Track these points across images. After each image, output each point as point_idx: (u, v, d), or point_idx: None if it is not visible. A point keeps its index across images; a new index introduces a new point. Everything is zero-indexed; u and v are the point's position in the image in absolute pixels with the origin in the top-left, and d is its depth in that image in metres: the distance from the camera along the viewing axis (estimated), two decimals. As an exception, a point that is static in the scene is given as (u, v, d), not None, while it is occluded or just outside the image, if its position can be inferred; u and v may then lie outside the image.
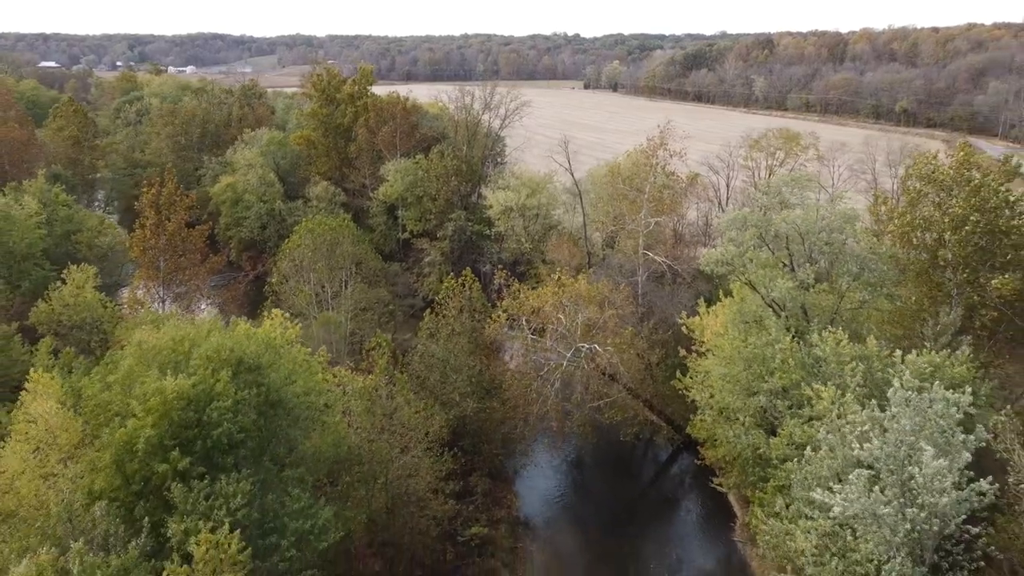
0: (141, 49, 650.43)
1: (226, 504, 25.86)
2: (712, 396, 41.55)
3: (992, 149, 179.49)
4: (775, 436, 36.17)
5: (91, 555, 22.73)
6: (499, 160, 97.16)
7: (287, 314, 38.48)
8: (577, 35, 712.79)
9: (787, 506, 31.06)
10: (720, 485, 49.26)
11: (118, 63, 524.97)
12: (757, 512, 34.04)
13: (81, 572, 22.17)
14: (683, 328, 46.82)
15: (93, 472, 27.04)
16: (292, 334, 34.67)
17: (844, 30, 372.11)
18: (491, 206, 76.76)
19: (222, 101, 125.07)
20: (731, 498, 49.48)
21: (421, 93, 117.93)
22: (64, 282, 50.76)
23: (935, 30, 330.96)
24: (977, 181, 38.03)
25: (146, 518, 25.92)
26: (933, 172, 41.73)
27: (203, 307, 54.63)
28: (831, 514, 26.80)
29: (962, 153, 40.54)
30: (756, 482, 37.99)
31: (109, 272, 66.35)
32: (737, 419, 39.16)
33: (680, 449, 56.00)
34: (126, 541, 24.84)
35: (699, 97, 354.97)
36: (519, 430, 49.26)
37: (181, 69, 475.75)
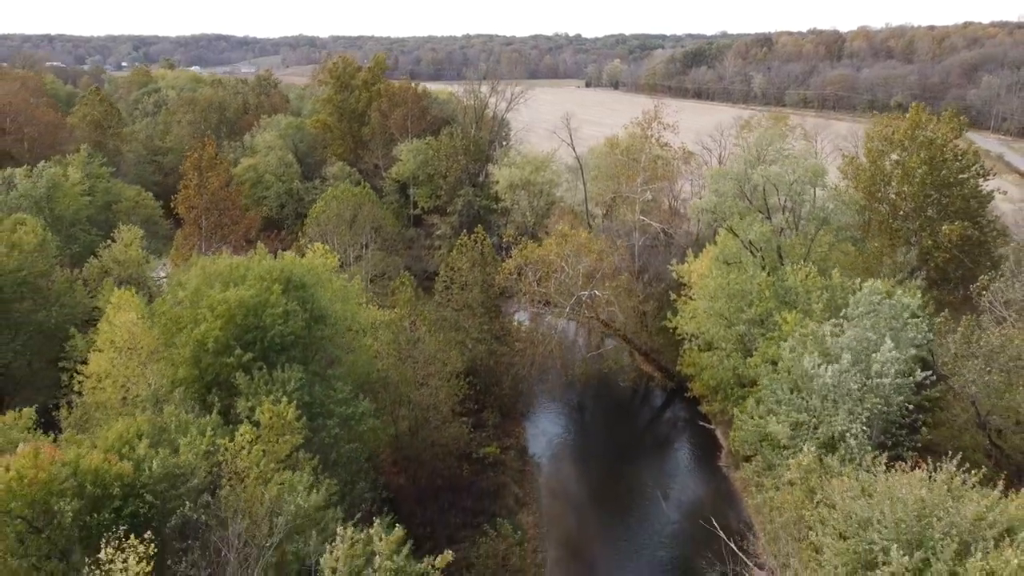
0: (146, 50, 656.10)
1: (283, 387, 31.10)
2: (699, 327, 46.77)
3: (984, 142, 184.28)
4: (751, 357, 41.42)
5: (183, 415, 27.96)
6: (504, 143, 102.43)
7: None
8: (578, 35, 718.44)
9: (758, 405, 36.27)
10: (708, 422, 54.57)
11: (123, 63, 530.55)
12: (737, 417, 39.30)
13: (177, 427, 27.38)
14: (673, 274, 51.91)
15: (174, 367, 32.28)
16: (332, 262, 39.92)
17: (843, 29, 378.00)
18: (497, 182, 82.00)
19: (237, 91, 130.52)
20: (718, 433, 54.68)
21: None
22: (114, 240, 55.99)
23: (931, 28, 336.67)
24: (924, 137, 43.20)
25: (217, 402, 31.15)
26: (893, 133, 46.96)
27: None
28: (824, 380, 32.04)
29: (914, 114, 45.64)
30: (736, 400, 43.21)
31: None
32: (720, 347, 44.37)
33: (672, 396, 61.15)
34: (201, 417, 30.10)
35: (699, 94, 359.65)
36: (526, 371, 54.53)
37: (186, 69, 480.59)
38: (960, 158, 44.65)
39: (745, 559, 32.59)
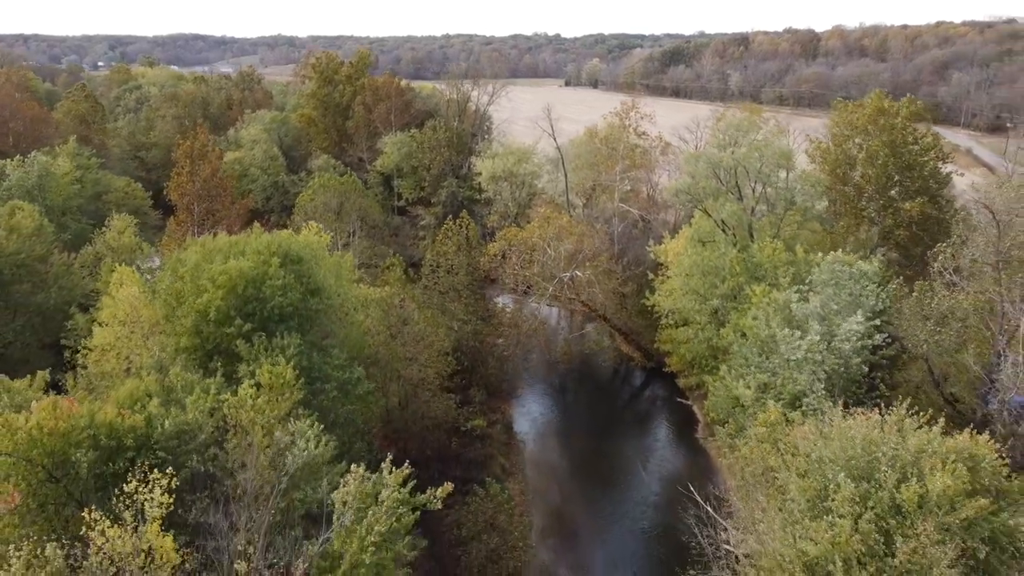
0: (122, 50, 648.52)
1: (282, 352, 32.85)
2: (675, 303, 49.09)
3: (954, 137, 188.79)
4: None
5: (188, 376, 29.64)
6: (486, 136, 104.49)
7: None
8: (558, 35, 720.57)
9: (729, 371, 38.60)
10: (685, 398, 56.93)
11: (99, 63, 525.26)
12: (710, 384, 41.61)
13: (183, 387, 29.08)
14: (651, 255, 54.21)
15: (176, 336, 33.90)
16: (325, 240, 41.70)
17: (818, 29, 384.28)
18: (480, 173, 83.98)
19: (221, 87, 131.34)
20: (694, 408, 57.10)
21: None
22: (107, 227, 57.28)
23: (904, 27, 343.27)
24: (885, 122, 45.78)
25: (219, 368, 32.81)
26: (857, 119, 49.53)
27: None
28: (796, 355, 34.29)
29: (876, 100, 48.25)
30: (711, 370, 45.57)
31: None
32: (695, 321, 46.71)
33: (651, 375, 63.50)
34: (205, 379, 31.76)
35: (677, 92, 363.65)
36: (510, 351, 56.58)
37: (166, 67, 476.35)
38: (918, 141, 47.32)
39: (716, 516, 34.83)
